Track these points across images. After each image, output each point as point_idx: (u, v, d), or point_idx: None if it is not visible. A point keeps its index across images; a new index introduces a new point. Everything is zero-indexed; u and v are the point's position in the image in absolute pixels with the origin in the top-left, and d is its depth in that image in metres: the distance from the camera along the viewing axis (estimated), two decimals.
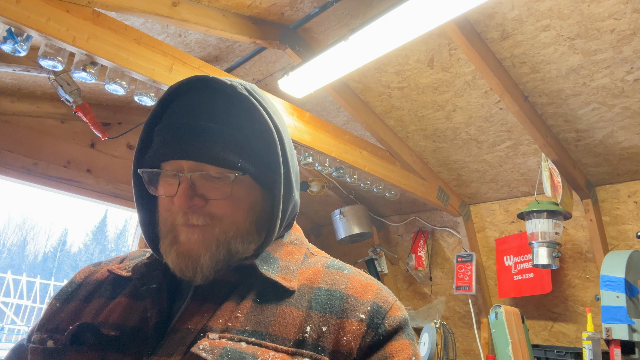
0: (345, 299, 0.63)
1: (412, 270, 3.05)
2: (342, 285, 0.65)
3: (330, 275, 0.67)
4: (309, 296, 0.63)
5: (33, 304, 19.74)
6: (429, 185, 2.65)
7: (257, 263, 0.64)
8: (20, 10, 1.29)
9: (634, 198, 2.24)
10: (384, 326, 0.62)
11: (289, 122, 2.01)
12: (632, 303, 1.89)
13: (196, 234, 0.63)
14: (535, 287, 2.45)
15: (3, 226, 46.82)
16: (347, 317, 0.61)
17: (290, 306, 0.61)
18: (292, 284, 0.64)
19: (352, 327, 0.60)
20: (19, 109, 2.46)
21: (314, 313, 0.61)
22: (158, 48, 1.59)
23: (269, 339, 0.57)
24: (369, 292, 0.65)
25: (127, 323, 0.62)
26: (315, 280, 0.66)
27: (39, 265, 43.53)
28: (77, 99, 1.84)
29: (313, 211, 3.77)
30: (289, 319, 0.60)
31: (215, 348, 0.55)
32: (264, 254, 0.67)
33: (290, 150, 0.71)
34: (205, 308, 0.61)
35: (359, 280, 0.67)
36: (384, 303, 0.64)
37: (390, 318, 0.63)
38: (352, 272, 0.69)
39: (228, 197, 0.63)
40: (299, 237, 0.76)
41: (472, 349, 2.85)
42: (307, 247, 0.76)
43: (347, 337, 0.59)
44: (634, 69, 1.75)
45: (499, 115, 2.18)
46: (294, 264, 0.68)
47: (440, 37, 1.89)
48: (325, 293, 0.63)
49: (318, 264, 0.70)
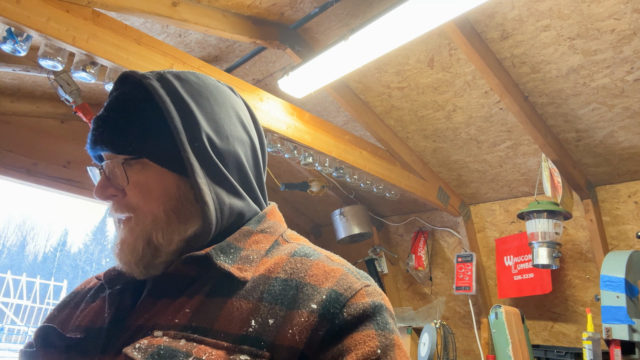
0: (300, 289, 0.57)
1: (412, 270, 3.05)
2: (301, 274, 0.58)
3: (292, 263, 0.60)
4: (263, 287, 0.58)
5: (33, 304, 19.74)
6: (429, 185, 2.65)
7: (212, 254, 0.59)
8: (20, 10, 1.29)
9: (634, 198, 2.24)
10: (342, 316, 0.55)
11: (289, 122, 2.01)
12: (632, 303, 1.89)
13: (123, 228, 0.63)
14: (535, 287, 2.45)
15: (3, 226, 46.81)
16: (298, 308, 0.55)
17: (240, 299, 0.57)
18: (246, 274, 0.59)
19: (301, 318, 0.54)
20: (18, 109, 2.46)
21: (263, 305, 0.56)
22: (158, 48, 1.59)
23: (212, 335, 0.54)
24: (330, 278, 0.58)
25: (94, 325, 0.63)
26: (275, 269, 0.60)
27: (38, 265, 43.54)
28: (77, 99, 1.84)
29: (313, 211, 3.77)
30: (236, 312, 0.56)
31: (150, 347, 0.53)
32: (223, 244, 0.62)
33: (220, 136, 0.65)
34: (160, 304, 0.59)
35: (324, 266, 0.60)
36: (345, 290, 0.57)
37: (352, 306, 0.56)
38: (318, 258, 0.61)
39: (126, 182, 0.62)
40: (273, 224, 0.69)
41: (472, 349, 2.85)
42: (282, 234, 0.69)
43: (293, 329, 0.53)
44: (634, 69, 1.75)
45: (499, 115, 2.18)
46: (256, 253, 0.63)
47: (440, 37, 1.89)
48: (281, 283, 0.58)
49: (285, 252, 0.63)
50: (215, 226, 0.62)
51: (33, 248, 47.30)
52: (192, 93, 0.65)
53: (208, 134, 0.64)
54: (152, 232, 0.61)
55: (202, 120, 0.64)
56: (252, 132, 0.72)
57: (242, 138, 0.69)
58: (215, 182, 0.63)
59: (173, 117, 0.62)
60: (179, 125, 0.62)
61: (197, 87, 0.67)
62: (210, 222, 0.61)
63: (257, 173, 0.71)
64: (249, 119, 0.72)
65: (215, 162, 0.63)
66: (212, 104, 0.67)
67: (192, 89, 0.66)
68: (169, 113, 0.62)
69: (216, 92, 0.69)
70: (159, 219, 0.62)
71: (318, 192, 2.98)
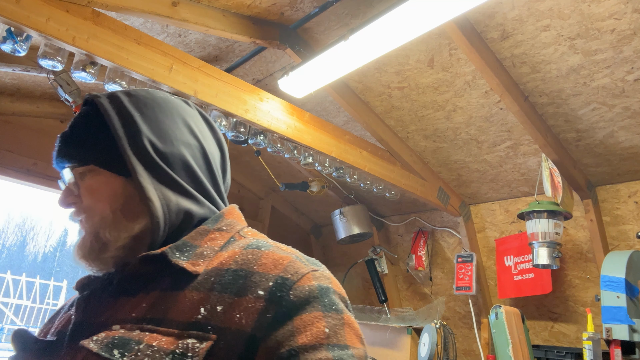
0: (249, 277, 0.60)
1: (412, 270, 3.05)
2: (251, 264, 0.62)
3: (244, 255, 0.64)
4: (215, 278, 0.61)
5: (33, 304, 19.73)
6: (429, 185, 2.65)
7: (167, 252, 0.64)
8: (20, 10, 1.29)
9: (635, 198, 2.23)
10: (289, 298, 0.58)
11: (289, 122, 2.01)
12: (633, 303, 1.89)
13: (80, 229, 0.71)
14: (535, 287, 2.45)
15: (3, 226, 46.78)
16: (245, 294, 0.58)
17: (192, 290, 0.61)
18: (198, 268, 0.63)
19: (248, 304, 0.58)
20: (18, 109, 2.46)
21: (213, 295, 0.59)
22: (158, 48, 1.59)
23: (164, 325, 0.58)
24: (278, 266, 0.61)
25: (65, 329, 0.67)
26: (228, 262, 0.64)
27: (38, 265, 43.54)
28: (76, 99, 1.84)
29: (313, 211, 3.77)
30: (188, 303, 0.59)
31: (106, 338, 0.57)
32: (179, 243, 0.66)
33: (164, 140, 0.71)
34: (120, 302, 0.64)
35: (273, 255, 0.63)
36: (292, 274, 0.60)
37: (298, 289, 0.59)
38: (269, 249, 0.65)
39: (77, 188, 0.70)
40: (230, 223, 0.73)
41: (473, 350, 2.85)
42: (239, 231, 0.72)
43: (240, 314, 0.57)
44: (634, 69, 1.75)
45: (499, 115, 2.18)
46: (210, 249, 0.67)
47: (440, 37, 1.89)
48: (231, 274, 0.61)
49: (239, 246, 0.67)
50: (164, 223, 0.67)
51: (33, 248, 47.29)
52: (138, 105, 0.72)
53: (150, 139, 0.70)
54: (100, 229, 0.68)
55: (145, 127, 0.70)
56: (204, 138, 0.77)
57: (190, 142, 0.74)
58: (161, 182, 0.69)
59: (115, 126, 0.69)
60: (121, 132, 0.69)
61: (143, 100, 0.73)
62: (157, 218, 0.66)
63: (212, 176, 0.76)
64: (201, 127, 0.78)
65: (159, 164, 0.69)
66: (157, 113, 0.73)
67: (138, 102, 0.73)
68: (112, 123, 0.69)
69: (163, 103, 0.75)
70: (106, 217, 0.68)
71: (318, 192, 2.98)
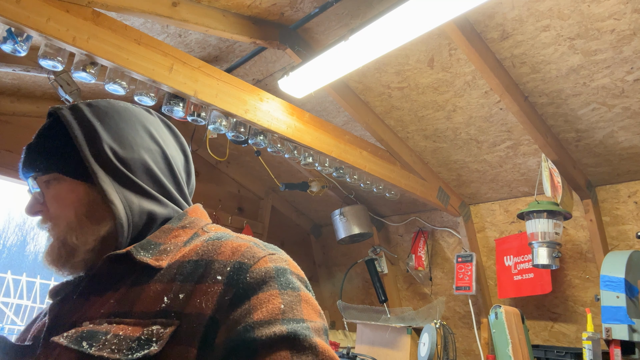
0: (209, 266, 0.63)
1: (412, 270, 3.05)
2: (211, 254, 0.65)
3: (205, 247, 0.67)
4: (177, 270, 0.65)
5: (33, 304, 19.74)
6: (429, 185, 2.65)
7: (132, 251, 0.67)
8: (20, 10, 1.29)
9: (634, 198, 2.24)
10: (246, 280, 0.61)
11: (289, 122, 2.01)
12: (632, 303, 1.89)
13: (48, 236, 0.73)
14: (535, 287, 2.45)
15: (3, 226, 46.87)
16: (205, 281, 0.62)
17: (156, 282, 0.64)
18: (161, 263, 0.66)
19: (208, 289, 0.61)
20: (19, 109, 2.46)
21: (175, 285, 0.63)
22: (158, 48, 1.59)
23: (131, 316, 0.61)
24: (236, 253, 0.64)
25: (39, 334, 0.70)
26: (190, 254, 0.67)
27: (39, 265, 43.55)
28: (77, 99, 1.84)
29: (313, 211, 3.78)
30: (152, 294, 0.62)
31: (75, 333, 0.60)
32: (144, 242, 0.69)
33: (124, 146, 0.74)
34: (91, 301, 0.67)
35: (232, 243, 0.67)
36: (249, 259, 0.63)
37: (255, 271, 0.62)
38: (228, 239, 0.68)
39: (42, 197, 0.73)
40: (193, 220, 0.76)
41: (472, 349, 2.85)
42: (202, 227, 0.75)
43: (201, 299, 0.60)
44: (634, 69, 1.75)
45: (499, 115, 2.18)
46: (174, 245, 0.70)
47: (440, 37, 1.89)
48: (193, 264, 0.65)
49: (201, 240, 0.70)
50: (128, 224, 0.70)
51: (33, 248, 47.35)
52: (99, 114, 0.75)
53: (111, 145, 0.73)
54: (67, 234, 0.70)
55: (105, 134, 0.73)
56: (166, 144, 0.80)
57: (150, 147, 0.77)
58: (123, 185, 0.72)
59: (77, 134, 0.72)
60: (82, 140, 0.71)
61: (104, 110, 0.76)
62: (120, 220, 0.69)
63: (174, 178, 0.80)
64: (162, 133, 0.81)
65: (119, 168, 0.72)
66: (117, 121, 0.76)
67: (99, 112, 0.75)
68: (73, 132, 0.72)
69: (124, 112, 0.78)
70: (72, 223, 0.71)
71: (318, 192, 2.98)
